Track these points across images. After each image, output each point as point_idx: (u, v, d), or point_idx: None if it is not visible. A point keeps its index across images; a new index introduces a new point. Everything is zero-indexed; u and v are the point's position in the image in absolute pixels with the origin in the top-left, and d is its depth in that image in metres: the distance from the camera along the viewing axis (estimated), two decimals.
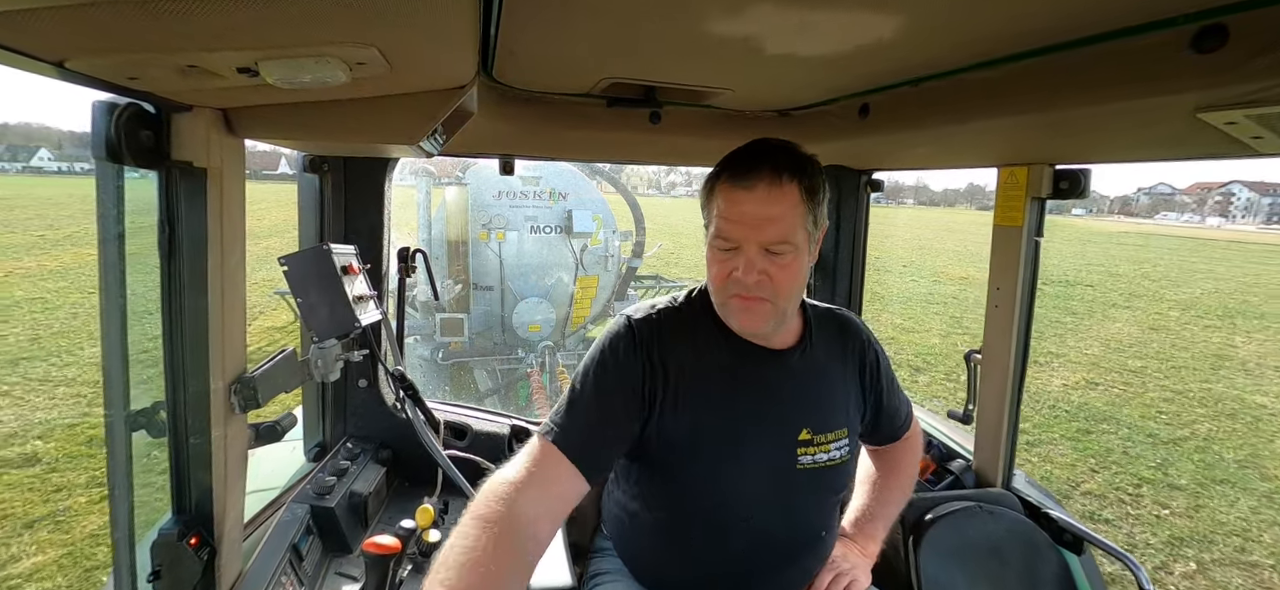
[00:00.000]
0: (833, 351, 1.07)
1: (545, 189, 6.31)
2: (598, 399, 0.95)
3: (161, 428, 0.86)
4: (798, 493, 1.01)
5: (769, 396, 1.00)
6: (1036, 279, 1.36)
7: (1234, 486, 4.92)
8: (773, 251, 0.90)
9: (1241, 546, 4.04)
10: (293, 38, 0.58)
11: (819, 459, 1.01)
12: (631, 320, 1.01)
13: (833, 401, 1.04)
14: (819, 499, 1.04)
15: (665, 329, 1.00)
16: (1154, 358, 9.03)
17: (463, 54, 0.74)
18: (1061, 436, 5.87)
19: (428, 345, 6.06)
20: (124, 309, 0.79)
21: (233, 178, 0.86)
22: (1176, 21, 0.67)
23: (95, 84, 0.66)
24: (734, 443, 0.97)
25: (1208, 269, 22.22)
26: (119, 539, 0.84)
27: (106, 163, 0.73)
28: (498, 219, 6.12)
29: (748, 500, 0.98)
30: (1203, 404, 7.05)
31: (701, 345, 1.00)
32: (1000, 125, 0.99)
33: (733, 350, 1.00)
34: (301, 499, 1.24)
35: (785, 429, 0.99)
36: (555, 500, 0.89)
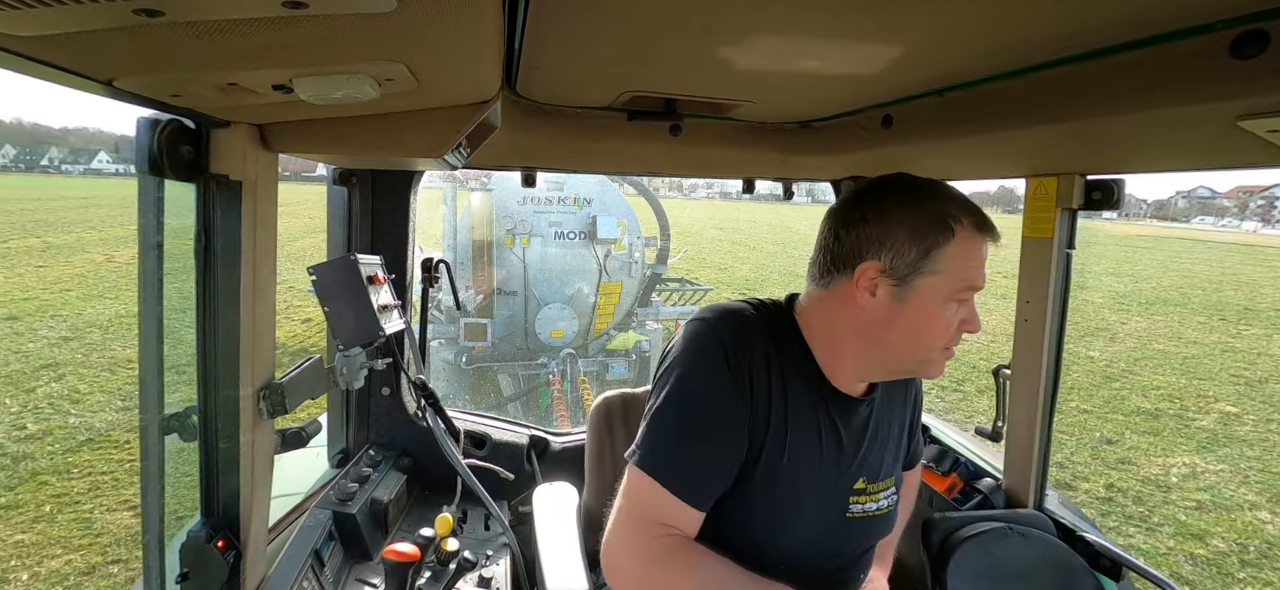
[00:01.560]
0: (893, 397, 1.02)
1: (569, 195, 6.37)
2: (700, 419, 0.85)
3: (193, 431, 0.88)
4: (845, 540, 0.97)
5: (839, 444, 0.92)
6: (1068, 292, 1.32)
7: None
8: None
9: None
10: (326, 56, 0.60)
11: (869, 509, 0.97)
12: (716, 326, 0.88)
13: (886, 450, 1.00)
14: (863, 547, 1.01)
15: (752, 340, 0.88)
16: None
17: (487, 70, 0.76)
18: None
19: (452, 349, 6.15)
20: (160, 316, 0.82)
21: (266, 190, 0.89)
22: (1213, 27, 0.65)
23: (141, 101, 0.69)
24: (801, 489, 0.90)
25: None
26: (149, 540, 0.86)
27: (148, 176, 0.76)
28: (522, 224, 6.18)
29: (796, 544, 0.92)
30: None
31: (790, 368, 0.90)
32: (1028, 135, 0.97)
33: (818, 391, 0.91)
34: (324, 505, 1.26)
35: (844, 477, 0.94)
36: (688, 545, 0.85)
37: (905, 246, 0.82)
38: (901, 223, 0.83)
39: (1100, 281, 17.97)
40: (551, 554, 1.20)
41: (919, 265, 0.82)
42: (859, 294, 0.85)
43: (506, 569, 1.27)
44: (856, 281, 0.85)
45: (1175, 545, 4.39)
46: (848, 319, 0.88)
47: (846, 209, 0.89)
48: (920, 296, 0.83)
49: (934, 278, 0.82)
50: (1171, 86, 0.71)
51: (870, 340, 0.87)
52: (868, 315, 0.85)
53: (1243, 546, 4.40)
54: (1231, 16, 0.63)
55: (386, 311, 1.19)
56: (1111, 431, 6.43)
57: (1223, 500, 5.07)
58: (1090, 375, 8.51)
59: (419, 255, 1.61)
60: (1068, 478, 5.34)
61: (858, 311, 0.86)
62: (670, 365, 0.89)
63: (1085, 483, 5.29)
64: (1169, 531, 4.56)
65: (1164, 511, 4.85)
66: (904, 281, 0.83)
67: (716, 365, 0.85)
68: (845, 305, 0.87)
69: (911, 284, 0.83)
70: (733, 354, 0.85)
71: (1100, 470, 5.55)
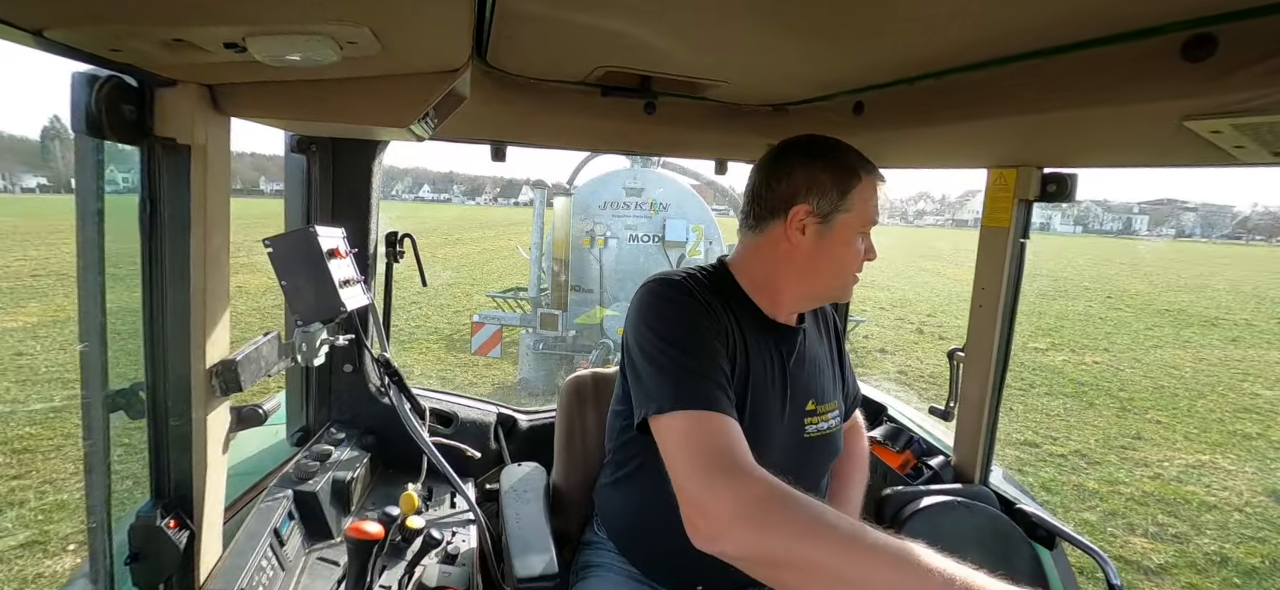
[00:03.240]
0: (819, 330, 1.18)
1: (647, 200, 6.52)
2: (702, 350, 0.90)
3: (141, 408, 0.84)
4: (806, 463, 1.08)
5: (787, 370, 1.06)
6: (1021, 280, 1.39)
7: None
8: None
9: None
10: (282, 14, 0.57)
11: (821, 428, 1.10)
12: (671, 283, 0.99)
13: (824, 374, 1.14)
14: (820, 467, 1.13)
15: (702, 290, 0.99)
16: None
17: (456, 37, 0.73)
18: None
19: (532, 336, 6.41)
20: (103, 287, 0.77)
21: (218, 156, 0.84)
22: (1167, 29, 0.68)
23: (75, 55, 0.64)
24: (769, 417, 1.02)
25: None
26: (95, 521, 0.83)
27: (86, 137, 0.71)
28: (600, 227, 6.37)
29: (773, 469, 0.97)
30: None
31: (739, 316, 1.02)
32: (992, 126, 1.00)
33: (762, 324, 1.04)
34: (284, 483, 1.23)
35: (798, 401, 1.06)
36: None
37: (827, 190, 0.98)
38: (823, 170, 0.98)
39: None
40: (519, 531, 1.20)
41: (838, 205, 0.98)
42: (790, 233, 0.99)
43: (473, 546, 1.27)
44: (789, 222, 0.99)
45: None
46: (781, 257, 1.02)
47: (774, 164, 1.03)
48: (838, 232, 0.99)
49: (847, 215, 0.99)
50: (1126, 85, 0.75)
51: (803, 272, 1.02)
52: (799, 251, 1.00)
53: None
54: (1184, 19, 0.66)
55: (348, 286, 1.16)
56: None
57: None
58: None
59: (383, 229, 1.56)
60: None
61: (790, 249, 1.01)
62: (645, 318, 0.96)
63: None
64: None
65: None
66: (826, 219, 0.99)
67: (683, 302, 0.96)
68: (777, 245, 1.02)
69: (832, 221, 0.99)
70: (690, 292, 0.97)
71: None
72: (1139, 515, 4.23)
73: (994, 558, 1.29)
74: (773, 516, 0.70)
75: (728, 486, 0.74)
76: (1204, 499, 4.49)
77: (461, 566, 1.19)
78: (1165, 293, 18.50)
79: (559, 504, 1.41)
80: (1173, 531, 4.03)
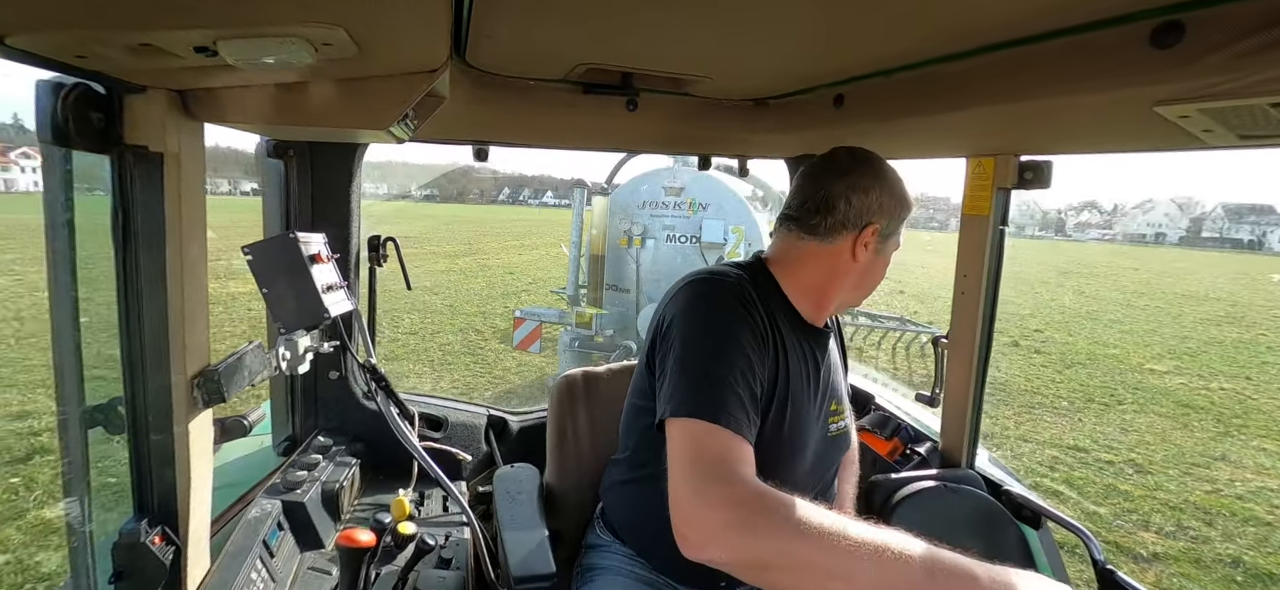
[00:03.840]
0: (832, 335, 1.21)
1: (686, 199, 6.43)
2: (730, 359, 0.89)
3: (120, 423, 0.82)
4: (828, 458, 1.13)
5: (816, 372, 1.09)
6: (1001, 267, 1.41)
7: None
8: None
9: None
10: (253, 16, 0.56)
11: (840, 426, 1.15)
12: (715, 281, 0.97)
13: (839, 374, 1.19)
14: (836, 463, 1.18)
15: (743, 291, 0.98)
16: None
17: (434, 37, 0.72)
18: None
19: (569, 333, 6.43)
20: (75, 299, 0.75)
21: (192, 162, 0.82)
22: (1137, 17, 0.69)
23: (39, 62, 0.62)
24: (805, 417, 1.04)
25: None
26: (76, 540, 0.81)
27: (52, 146, 0.69)
28: (638, 227, 6.32)
29: (803, 468, 1.05)
30: None
31: (781, 319, 1.04)
32: (969, 116, 1.01)
33: (798, 327, 1.07)
34: (271, 494, 1.21)
35: (824, 402, 1.11)
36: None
37: (894, 214, 1.04)
38: (891, 195, 1.03)
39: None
40: (514, 532, 1.20)
41: (896, 230, 1.06)
42: (858, 248, 1.03)
43: (467, 550, 1.26)
44: (861, 238, 1.02)
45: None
46: (841, 267, 1.05)
47: (851, 178, 1.03)
48: (887, 252, 1.07)
49: (893, 238, 1.07)
50: (1097, 73, 0.76)
51: (855, 285, 1.08)
52: (859, 265, 1.04)
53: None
54: (1152, 7, 0.67)
55: (331, 291, 1.14)
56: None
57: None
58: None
59: (365, 233, 1.54)
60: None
61: (851, 263, 1.04)
62: (678, 320, 0.95)
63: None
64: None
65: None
66: (885, 240, 1.05)
67: (727, 304, 0.95)
68: (840, 256, 1.04)
69: (887, 243, 1.06)
70: (736, 296, 0.96)
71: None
72: (1164, 517, 4.18)
73: (981, 539, 1.32)
74: (759, 520, 0.71)
75: (717, 495, 0.75)
76: (1260, 516, 4.30)
77: (456, 571, 1.18)
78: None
79: (553, 503, 1.40)
80: (1193, 533, 3.98)
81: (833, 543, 0.67)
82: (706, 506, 0.75)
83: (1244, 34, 0.61)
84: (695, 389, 0.86)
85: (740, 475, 0.78)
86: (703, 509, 0.75)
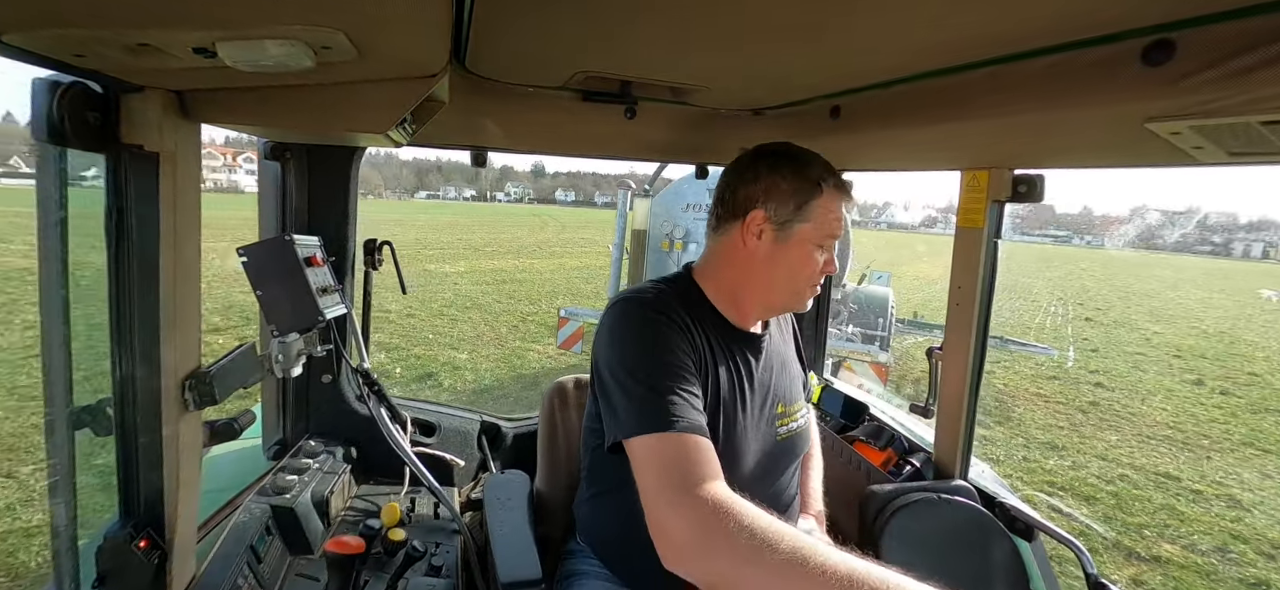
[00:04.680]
0: (781, 333, 1.22)
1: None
2: (671, 369, 0.90)
3: (108, 425, 0.81)
4: (778, 463, 1.11)
5: (755, 375, 1.07)
6: (995, 278, 1.42)
7: None
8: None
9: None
10: (253, 18, 0.56)
11: (792, 428, 1.12)
12: (639, 302, 0.98)
13: (789, 376, 1.17)
14: (791, 465, 1.15)
15: (668, 306, 0.99)
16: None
17: (434, 42, 0.72)
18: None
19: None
20: (66, 299, 0.75)
21: (188, 163, 0.82)
22: (1129, 34, 0.70)
23: (36, 60, 0.62)
24: (744, 424, 1.03)
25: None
26: (60, 542, 0.79)
27: (48, 145, 0.68)
28: (680, 229, 6.24)
29: (749, 472, 1.04)
30: None
31: (707, 328, 1.03)
32: (963, 130, 1.02)
33: (726, 334, 1.06)
34: (260, 498, 1.20)
35: (768, 406, 1.09)
36: (722, 477, 0.82)
37: (786, 199, 1.00)
38: (785, 179, 1.00)
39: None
40: (502, 538, 1.19)
41: (795, 215, 1.00)
42: (747, 237, 1.01)
43: (457, 557, 1.25)
44: (746, 225, 1.01)
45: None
46: (739, 261, 1.04)
47: (740, 169, 1.04)
48: (795, 241, 1.01)
49: (805, 226, 1.00)
50: (1090, 89, 0.77)
51: (760, 279, 1.04)
52: (755, 256, 1.02)
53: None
54: (1144, 26, 0.68)
55: (326, 295, 1.14)
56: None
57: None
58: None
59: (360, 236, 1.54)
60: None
61: (747, 254, 1.02)
62: (613, 342, 0.96)
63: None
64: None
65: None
66: (783, 227, 1.00)
67: (652, 319, 0.96)
68: (735, 249, 1.03)
69: (789, 231, 1.01)
70: (658, 309, 0.97)
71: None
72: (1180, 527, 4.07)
73: (974, 550, 1.32)
74: (716, 542, 0.71)
75: (682, 510, 0.75)
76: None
77: (446, 578, 1.17)
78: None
79: (543, 509, 1.39)
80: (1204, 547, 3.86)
81: (788, 570, 0.65)
82: (674, 519, 0.76)
83: (1234, 52, 0.62)
84: (641, 404, 0.86)
85: (701, 487, 0.77)
86: (671, 520, 0.76)
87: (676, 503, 0.76)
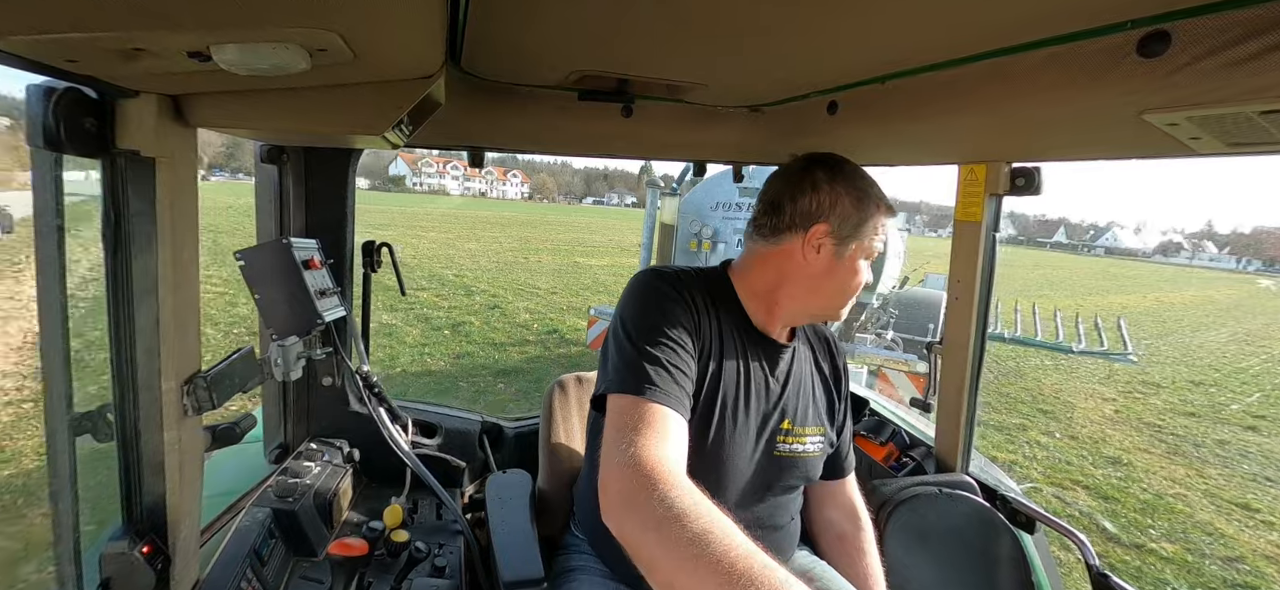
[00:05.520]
0: (815, 356, 1.19)
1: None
2: (664, 338, 0.92)
3: (109, 431, 0.81)
4: (772, 478, 1.08)
5: (766, 382, 1.07)
6: (994, 272, 1.42)
7: None
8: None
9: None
10: (248, 21, 0.55)
11: (795, 448, 1.08)
12: (663, 273, 1.02)
13: (810, 399, 1.13)
14: (787, 487, 1.10)
15: (692, 287, 1.02)
16: None
17: (429, 43, 0.72)
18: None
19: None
20: (64, 305, 0.74)
21: (184, 167, 0.82)
22: (1124, 26, 0.70)
23: (29, 66, 0.62)
24: (735, 421, 1.02)
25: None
26: (62, 550, 0.79)
27: (44, 151, 0.68)
28: (708, 229, 6.17)
29: (735, 479, 1.03)
30: None
31: (725, 316, 1.05)
32: (961, 123, 1.02)
33: (747, 333, 1.06)
34: (262, 502, 1.20)
35: (773, 415, 1.07)
36: (681, 455, 0.83)
37: (849, 215, 1.01)
38: (846, 195, 1.01)
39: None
40: (503, 538, 1.19)
41: (857, 231, 1.01)
42: (807, 250, 1.01)
43: (460, 557, 1.25)
44: (808, 239, 1.01)
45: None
46: (791, 270, 1.03)
47: (800, 178, 1.03)
48: (849, 256, 1.02)
49: (860, 243, 1.02)
50: (1086, 81, 0.77)
51: (809, 289, 1.04)
52: (811, 268, 1.02)
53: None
54: (1140, 17, 0.68)
55: (325, 297, 1.13)
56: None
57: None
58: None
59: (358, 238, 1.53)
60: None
61: (802, 265, 1.02)
62: (626, 303, 0.99)
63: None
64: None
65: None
66: (842, 243, 1.01)
67: (665, 292, 0.98)
68: (790, 258, 1.03)
69: (846, 246, 1.02)
70: (676, 285, 1.00)
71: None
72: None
73: (976, 543, 1.32)
74: (635, 503, 0.70)
75: (618, 468, 0.75)
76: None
77: (449, 578, 1.17)
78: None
79: (544, 508, 1.40)
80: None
81: (683, 553, 0.62)
82: (611, 474, 0.76)
83: (1230, 42, 0.62)
84: (625, 366, 0.89)
85: (649, 448, 0.77)
86: (609, 475, 0.76)
87: (618, 460, 0.77)
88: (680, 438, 0.84)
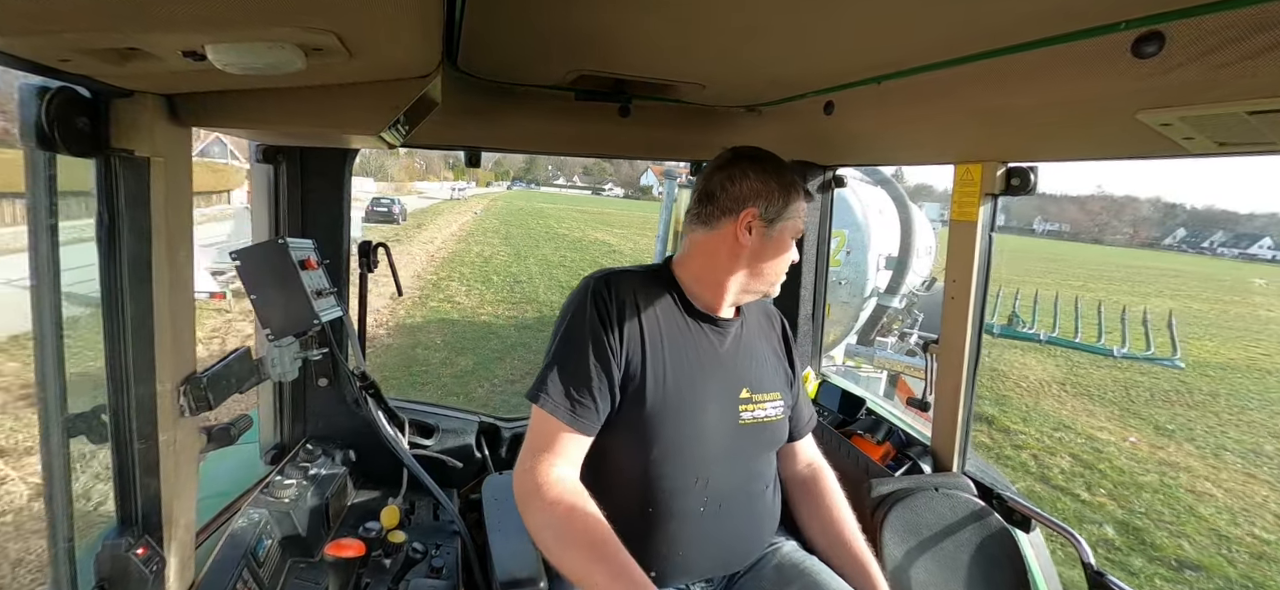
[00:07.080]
0: (762, 328, 1.27)
1: None
2: (574, 357, 1.04)
3: (103, 432, 0.81)
4: (742, 447, 1.14)
5: (717, 359, 1.14)
6: (990, 272, 1.42)
7: None
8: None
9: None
10: (243, 20, 0.55)
11: (758, 415, 1.16)
12: (591, 281, 1.11)
13: (765, 367, 1.22)
14: (759, 453, 1.18)
15: (622, 289, 1.09)
16: None
17: (426, 42, 0.72)
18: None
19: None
20: (59, 306, 0.74)
21: (179, 167, 0.81)
22: (1118, 27, 0.71)
23: (23, 66, 0.62)
24: (692, 400, 1.09)
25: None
26: (57, 551, 0.79)
27: (37, 151, 0.68)
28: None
29: (704, 459, 1.08)
30: None
31: (661, 310, 1.12)
32: (956, 123, 1.03)
33: (689, 317, 1.14)
34: (259, 503, 1.20)
35: (730, 387, 1.14)
36: (570, 466, 1.02)
37: (775, 198, 1.10)
38: (772, 180, 1.10)
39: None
40: (500, 538, 1.19)
41: (782, 213, 1.10)
42: (740, 232, 1.10)
43: (457, 558, 1.25)
44: (740, 221, 1.09)
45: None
46: (725, 252, 1.12)
47: (729, 169, 1.12)
48: (779, 236, 1.12)
49: (786, 223, 1.11)
50: (1081, 81, 0.77)
51: (750, 271, 1.13)
52: (746, 249, 1.11)
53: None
54: (1133, 17, 0.68)
55: (321, 298, 1.13)
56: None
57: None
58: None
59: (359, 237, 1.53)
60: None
61: (737, 247, 1.11)
62: (561, 315, 1.10)
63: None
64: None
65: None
66: (771, 224, 1.10)
67: (584, 307, 1.07)
68: (723, 242, 1.12)
69: (775, 226, 1.11)
70: (597, 298, 1.07)
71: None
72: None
73: (972, 541, 1.33)
74: (530, 508, 0.97)
75: (522, 474, 0.99)
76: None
77: (446, 579, 1.17)
78: None
79: None
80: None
81: (564, 544, 0.92)
82: (518, 477, 1.00)
83: (1223, 44, 0.63)
84: (541, 380, 1.04)
85: (543, 459, 0.99)
86: (517, 477, 1.00)
87: (523, 466, 1.00)
88: (575, 451, 1.02)
